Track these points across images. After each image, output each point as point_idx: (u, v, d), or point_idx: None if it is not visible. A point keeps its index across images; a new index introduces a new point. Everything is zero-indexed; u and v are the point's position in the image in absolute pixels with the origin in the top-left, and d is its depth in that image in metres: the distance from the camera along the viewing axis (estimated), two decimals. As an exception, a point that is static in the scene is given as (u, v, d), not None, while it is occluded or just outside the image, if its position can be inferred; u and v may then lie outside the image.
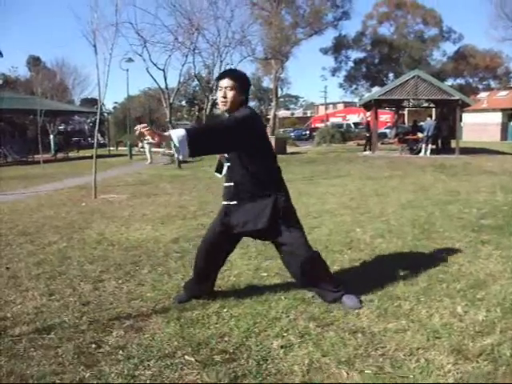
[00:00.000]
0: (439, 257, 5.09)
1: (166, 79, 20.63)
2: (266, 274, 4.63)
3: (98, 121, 12.17)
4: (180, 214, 8.13)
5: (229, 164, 3.78)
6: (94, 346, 3.22)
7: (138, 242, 6.23)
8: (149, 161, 23.01)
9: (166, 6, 23.19)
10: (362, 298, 3.90)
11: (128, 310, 3.88)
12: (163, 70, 20.26)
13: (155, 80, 21.00)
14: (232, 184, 3.77)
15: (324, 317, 3.58)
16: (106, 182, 13.55)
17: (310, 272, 3.79)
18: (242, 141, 3.53)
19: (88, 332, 3.44)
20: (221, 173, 3.94)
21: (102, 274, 4.89)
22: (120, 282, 4.64)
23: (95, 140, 12.21)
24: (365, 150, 25.78)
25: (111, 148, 37.94)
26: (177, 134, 3.18)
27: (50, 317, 3.74)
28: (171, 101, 21.03)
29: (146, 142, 23.93)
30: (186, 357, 3.04)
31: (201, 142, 3.28)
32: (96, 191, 10.74)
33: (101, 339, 3.32)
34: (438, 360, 2.91)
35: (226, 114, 3.72)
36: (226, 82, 3.62)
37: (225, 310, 3.77)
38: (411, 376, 2.75)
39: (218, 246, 3.99)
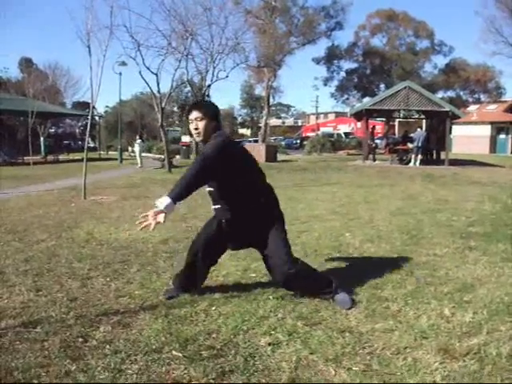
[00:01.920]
0: (427, 261, 5.13)
1: (158, 84, 20.65)
2: (254, 275, 4.63)
3: (89, 122, 12.17)
4: (169, 216, 8.08)
5: (211, 189, 3.85)
6: (80, 340, 3.21)
7: (127, 242, 6.21)
8: (139, 165, 23.02)
9: (160, 11, 23.22)
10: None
11: (116, 307, 3.87)
12: (156, 74, 20.29)
13: (148, 84, 21.06)
14: (219, 207, 3.89)
15: (312, 316, 3.58)
16: (95, 185, 13.51)
17: (294, 284, 3.86)
18: (216, 172, 3.58)
19: (75, 327, 3.42)
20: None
21: (90, 271, 4.87)
22: (108, 279, 4.62)
23: (86, 142, 12.20)
24: (367, 159, 25.51)
25: (102, 152, 37.85)
26: (164, 203, 3.41)
27: (37, 311, 3.72)
28: (163, 105, 21.00)
29: (136, 145, 23.99)
30: (174, 352, 3.03)
31: (183, 196, 3.47)
32: (85, 192, 10.71)
33: (88, 334, 3.31)
34: (425, 359, 2.92)
35: (202, 144, 3.80)
36: (194, 114, 3.72)
37: (213, 308, 3.77)
38: (398, 373, 2.76)
39: (213, 249, 4.11)
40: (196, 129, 3.73)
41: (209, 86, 30.93)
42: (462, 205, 9.53)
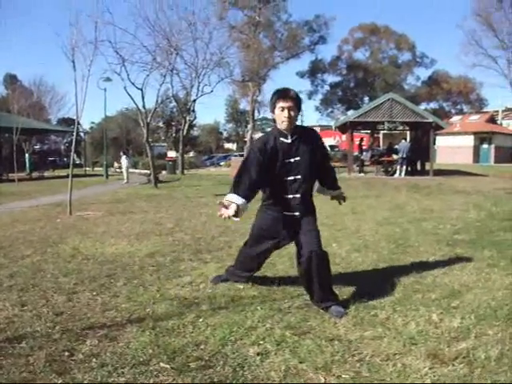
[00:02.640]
0: (414, 269, 5.13)
1: (143, 98, 20.64)
2: (242, 287, 4.59)
3: (74, 138, 12.06)
4: (156, 231, 8.07)
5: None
6: (66, 354, 3.16)
7: (113, 257, 6.15)
8: (125, 180, 22.90)
9: (145, 26, 23.30)
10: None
11: (102, 320, 3.82)
12: (141, 90, 20.28)
13: (133, 99, 21.02)
14: (298, 196, 4.11)
15: (300, 325, 3.57)
16: (81, 200, 13.41)
17: (314, 266, 3.91)
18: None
19: (61, 341, 3.37)
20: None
21: (76, 286, 4.81)
22: (94, 293, 4.56)
23: (71, 157, 12.13)
24: (353, 171, 25.65)
25: (87, 168, 37.65)
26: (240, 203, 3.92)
27: (22, 326, 3.66)
28: (148, 120, 20.98)
29: (123, 160, 23.89)
30: (161, 364, 2.99)
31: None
32: (71, 208, 10.61)
33: (74, 348, 3.26)
34: (415, 364, 2.92)
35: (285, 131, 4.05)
36: (289, 103, 3.92)
37: (200, 320, 3.73)
38: (388, 379, 2.76)
39: (266, 251, 4.47)
40: (289, 117, 3.90)
41: (194, 100, 31.10)
42: (447, 213, 9.60)
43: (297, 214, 4.10)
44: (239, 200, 3.93)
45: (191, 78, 29.61)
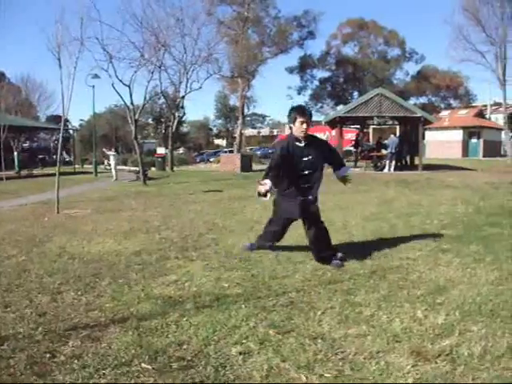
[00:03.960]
0: (400, 265, 5.14)
1: (131, 95, 20.49)
2: (226, 285, 4.58)
3: (61, 135, 11.96)
4: (143, 228, 8.03)
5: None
6: (48, 355, 3.13)
7: (100, 255, 6.11)
8: (114, 178, 22.78)
9: (132, 23, 23.13)
10: (323, 306, 3.91)
11: (86, 321, 3.79)
12: (129, 86, 20.14)
13: (121, 96, 20.89)
14: (309, 185, 5.41)
15: (284, 324, 3.56)
16: (70, 198, 13.33)
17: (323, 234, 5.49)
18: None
19: (43, 342, 3.33)
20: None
21: (61, 286, 4.78)
22: (79, 293, 4.53)
23: (58, 155, 12.03)
24: (355, 167, 25.71)
25: (76, 166, 37.41)
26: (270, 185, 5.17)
27: (4, 328, 3.62)
28: (136, 117, 20.86)
29: (111, 157, 23.76)
30: (143, 364, 2.97)
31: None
32: (59, 206, 10.53)
33: (56, 349, 3.23)
34: (398, 362, 2.91)
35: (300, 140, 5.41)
36: (307, 118, 5.37)
37: (184, 319, 3.71)
38: (371, 378, 2.75)
39: (284, 227, 5.89)
40: (306, 129, 5.30)
41: (183, 97, 30.96)
42: (435, 208, 9.62)
43: (310, 197, 5.38)
44: (270, 184, 5.15)
45: (180, 74, 29.49)
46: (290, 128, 5.46)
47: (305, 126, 5.30)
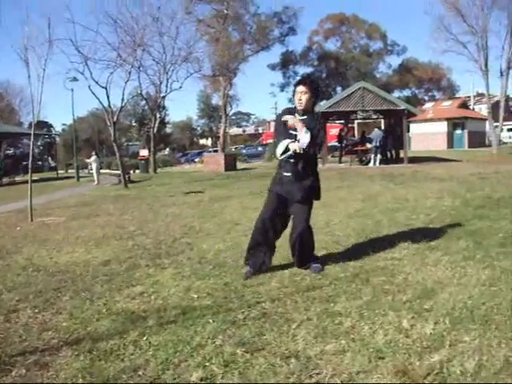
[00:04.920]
0: (385, 266, 4.77)
1: (108, 97, 20.03)
2: (196, 296, 4.19)
3: (31, 139, 11.60)
4: (117, 235, 7.63)
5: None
6: (-17, 390, 2.72)
7: (67, 266, 5.71)
8: (96, 182, 22.38)
9: (107, 23, 22.60)
10: (299, 317, 3.53)
11: (37, 344, 3.39)
12: (106, 88, 19.67)
13: (98, 98, 20.35)
14: (293, 161, 4.80)
15: (254, 341, 3.16)
16: (47, 205, 12.95)
17: (306, 236, 4.86)
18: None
19: (-18, 372, 2.93)
20: (283, 154, 4.80)
21: (19, 302, 4.38)
22: (36, 311, 4.13)
23: (29, 161, 11.63)
24: (340, 162, 25.54)
25: (60, 171, 36.83)
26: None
27: None
28: (115, 119, 20.38)
29: (93, 162, 23.32)
30: (89, 398, 2.57)
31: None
32: (32, 214, 10.13)
33: (-6, 381, 2.82)
34: (381, 385, 2.53)
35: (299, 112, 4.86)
36: (300, 88, 4.78)
37: (144, 339, 3.31)
38: (349, 407, 2.37)
39: (272, 220, 4.92)
40: (300, 99, 4.76)
41: (163, 97, 30.51)
42: (421, 202, 9.29)
43: (288, 174, 4.85)
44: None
45: (159, 75, 29.01)
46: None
47: (299, 96, 4.78)
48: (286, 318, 3.52)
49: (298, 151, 4.61)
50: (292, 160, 4.79)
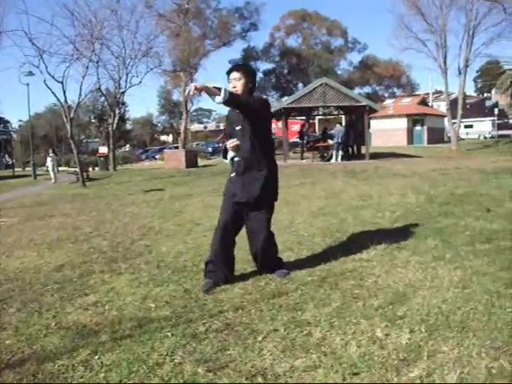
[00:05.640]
0: (353, 269, 4.55)
1: (65, 92, 19.34)
2: (154, 305, 3.87)
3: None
4: (72, 237, 7.23)
5: (238, 142, 4.40)
6: None
7: (16, 273, 5.30)
8: (53, 180, 21.71)
9: (64, 15, 21.88)
10: (265, 328, 3.27)
11: (-28, 368, 3.01)
12: (61, 83, 18.99)
13: (54, 94, 19.60)
14: (239, 159, 4.43)
15: (217, 357, 2.88)
16: (0, 205, 12.31)
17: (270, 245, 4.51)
18: (258, 111, 4.29)
19: None
20: (226, 158, 4.64)
21: (-43, 317, 3.97)
22: (-23, 327, 3.74)
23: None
24: (302, 159, 25.44)
25: (18, 169, 35.68)
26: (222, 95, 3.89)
27: None
28: (71, 115, 19.72)
29: (49, 159, 22.61)
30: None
31: (235, 100, 4.09)
32: (-18, 216, 9.60)
33: None
34: (357, 407, 2.30)
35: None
36: (233, 75, 4.36)
37: (96, 357, 2.99)
38: None
39: (228, 226, 4.44)
40: (234, 87, 4.30)
41: (122, 92, 29.85)
42: (385, 199, 9.17)
43: (232, 174, 4.54)
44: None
45: (119, 70, 28.36)
46: None
47: (233, 84, 4.32)
48: (251, 330, 3.25)
49: (217, 102, 3.89)
50: (237, 158, 4.45)
